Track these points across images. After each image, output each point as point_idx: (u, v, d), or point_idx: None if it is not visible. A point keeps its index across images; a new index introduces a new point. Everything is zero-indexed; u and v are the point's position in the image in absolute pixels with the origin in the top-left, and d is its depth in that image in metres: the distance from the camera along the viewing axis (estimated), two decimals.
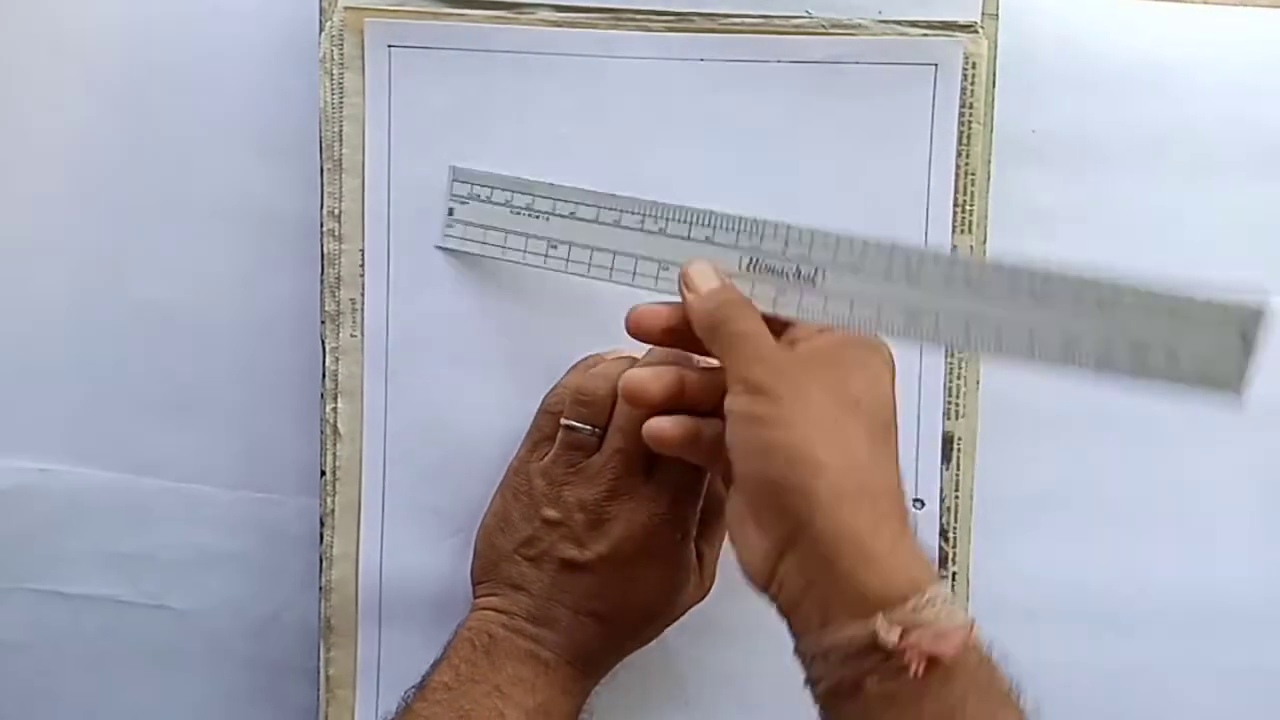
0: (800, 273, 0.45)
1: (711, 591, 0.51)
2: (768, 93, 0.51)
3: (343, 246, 0.51)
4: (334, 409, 0.51)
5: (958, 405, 0.52)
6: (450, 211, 0.51)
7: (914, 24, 0.51)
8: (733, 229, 0.47)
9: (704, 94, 0.51)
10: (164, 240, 0.54)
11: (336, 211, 0.51)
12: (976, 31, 0.51)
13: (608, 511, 0.47)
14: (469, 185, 0.51)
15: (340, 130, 0.51)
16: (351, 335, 0.51)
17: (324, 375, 0.51)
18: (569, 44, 0.50)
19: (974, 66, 0.51)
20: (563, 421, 0.48)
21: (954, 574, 0.53)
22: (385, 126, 0.51)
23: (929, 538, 0.52)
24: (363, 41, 0.50)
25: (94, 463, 0.55)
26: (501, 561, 0.49)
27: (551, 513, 0.48)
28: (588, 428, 0.48)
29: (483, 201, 0.51)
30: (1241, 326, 0.40)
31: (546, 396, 0.50)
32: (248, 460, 0.55)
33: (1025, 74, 0.54)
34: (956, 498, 0.52)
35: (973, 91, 0.51)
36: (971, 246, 0.52)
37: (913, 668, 0.37)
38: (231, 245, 0.54)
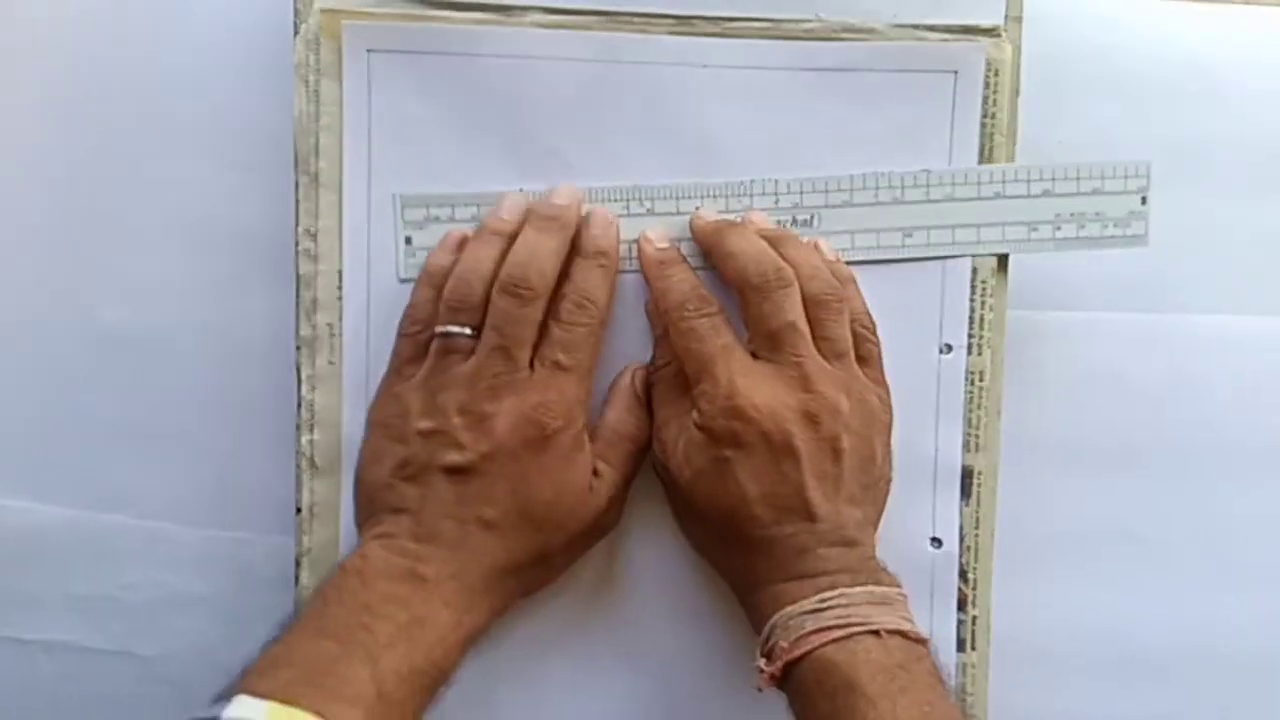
0: (796, 219, 0.50)
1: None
2: (774, 102, 0.50)
3: (319, 267, 0.50)
4: (310, 441, 0.50)
5: (977, 437, 0.51)
6: (408, 240, 0.50)
7: (932, 28, 0.50)
8: (721, 194, 0.50)
9: (706, 103, 0.50)
10: (126, 260, 0.53)
11: (312, 230, 0.50)
12: (999, 35, 0.50)
13: (489, 410, 0.46)
14: (423, 209, 0.50)
15: (316, 142, 0.49)
16: (329, 362, 0.50)
17: (299, 405, 0.50)
18: (563, 48, 0.49)
19: (997, 73, 0.50)
20: (439, 330, 0.47)
21: (974, 618, 0.51)
22: (365, 138, 0.49)
23: (947, 579, 0.51)
24: (340, 46, 0.49)
25: (52, 498, 0.54)
26: (378, 492, 0.47)
27: (426, 423, 0.47)
28: (465, 330, 0.47)
29: (444, 222, 0.50)
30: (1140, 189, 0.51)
31: (401, 326, 0.49)
32: (217, 496, 0.54)
33: (1053, 81, 0.53)
34: (976, 536, 0.51)
35: (995, 100, 0.50)
36: (993, 268, 0.50)
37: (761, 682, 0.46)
38: (199, 266, 0.53)
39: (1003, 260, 0.51)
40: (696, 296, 0.48)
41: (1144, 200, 0.50)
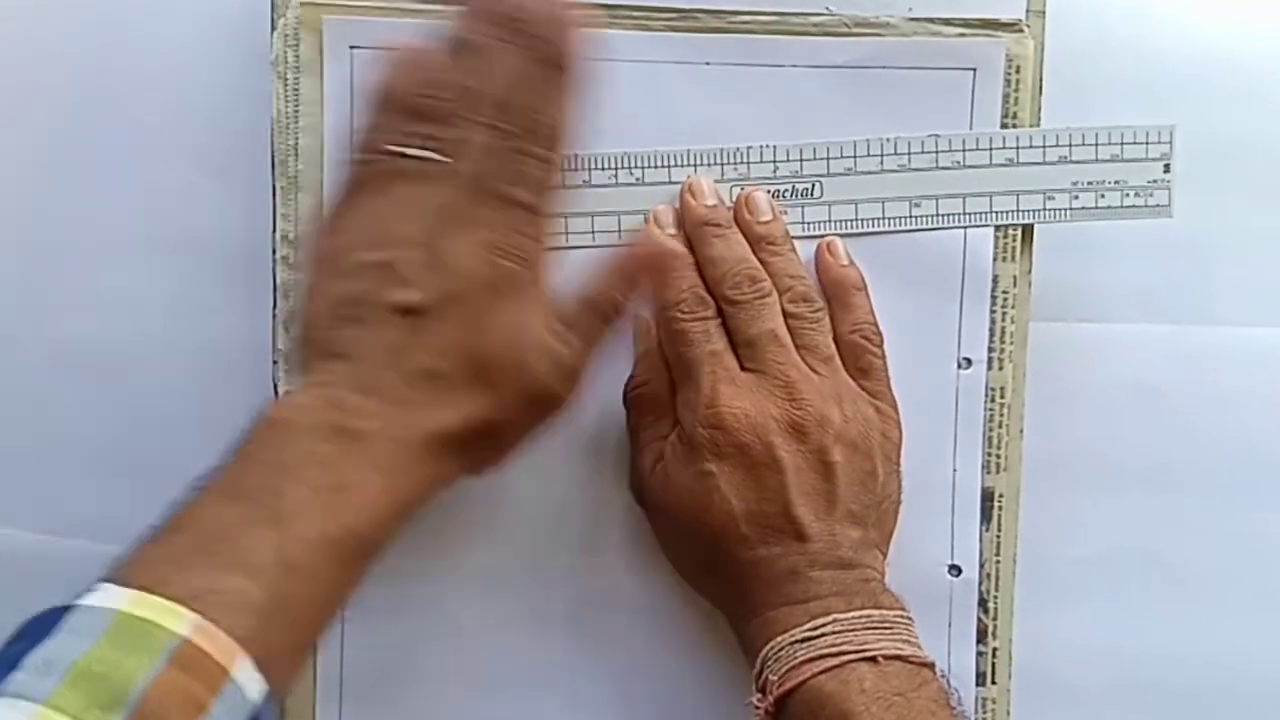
0: (797, 189, 0.49)
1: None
2: (782, 102, 0.49)
3: (299, 276, 0.47)
4: None
5: (998, 457, 0.50)
6: None
7: (949, 22, 0.49)
8: (716, 161, 0.49)
9: (710, 102, 0.49)
10: (91, 270, 0.52)
11: (291, 236, 0.49)
12: (1021, 30, 0.49)
13: (448, 244, 0.43)
14: None
15: (295, 144, 0.48)
16: None
17: None
18: None
19: (1018, 70, 0.49)
20: (396, 150, 0.43)
21: (994, 650, 0.50)
22: (347, 139, 0.47)
23: (966, 609, 0.50)
24: (321, 42, 0.48)
25: (12, 521, 0.53)
26: (315, 332, 0.43)
27: (375, 254, 0.43)
28: (428, 153, 0.43)
29: None
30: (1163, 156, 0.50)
31: (356, 150, 0.44)
32: None
33: (1077, 79, 0.52)
34: (998, 562, 0.50)
35: (1017, 99, 0.49)
36: (1016, 277, 0.50)
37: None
38: (170, 275, 0.52)
39: (1026, 237, 0.50)
40: (693, 297, 0.47)
41: (1167, 168, 0.49)
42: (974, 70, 0.49)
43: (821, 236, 0.49)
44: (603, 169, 0.49)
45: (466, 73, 0.43)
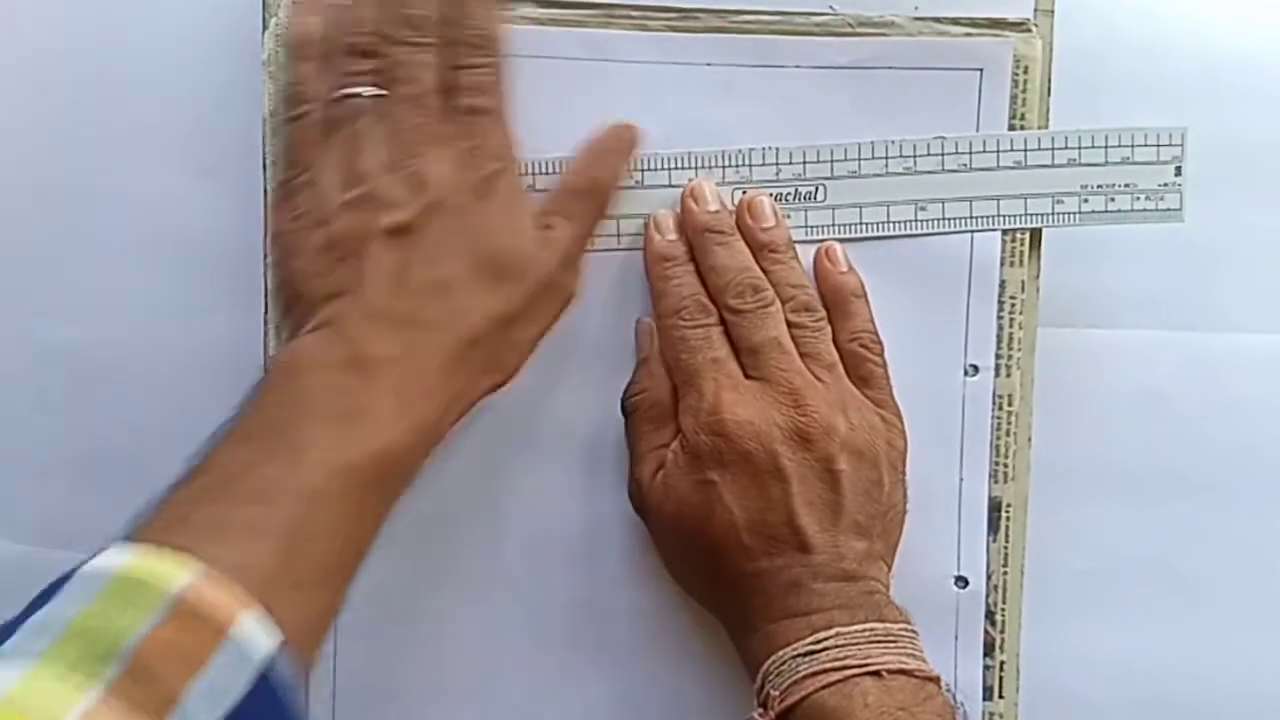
0: (800, 192, 0.49)
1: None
2: (785, 104, 0.49)
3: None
4: None
5: (1006, 466, 0.49)
6: None
7: (955, 21, 0.48)
8: (717, 164, 0.49)
9: (711, 105, 0.48)
10: (76, 274, 0.52)
11: None
12: (1029, 30, 0.48)
13: (416, 164, 0.43)
14: None
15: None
16: None
17: None
18: (554, 45, 0.48)
19: (1026, 71, 0.48)
20: (340, 94, 0.44)
21: (1002, 663, 0.49)
22: None
23: (972, 621, 0.49)
24: None
25: None
26: (306, 285, 0.43)
27: (351, 193, 0.43)
28: (369, 89, 0.44)
29: None
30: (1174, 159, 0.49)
31: (289, 108, 0.45)
32: None
33: (1088, 79, 0.51)
34: (1005, 574, 0.49)
35: (1024, 101, 0.49)
36: (1024, 282, 0.49)
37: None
38: (157, 280, 0.52)
39: (1034, 241, 0.49)
40: (695, 304, 0.46)
41: (1178, 170, 0.48)
42: (980, 71, 0.48)
43: (824, 240, 0.48)
44: None
45: (380, 2, 0.44)
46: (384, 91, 0.44)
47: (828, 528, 0.45)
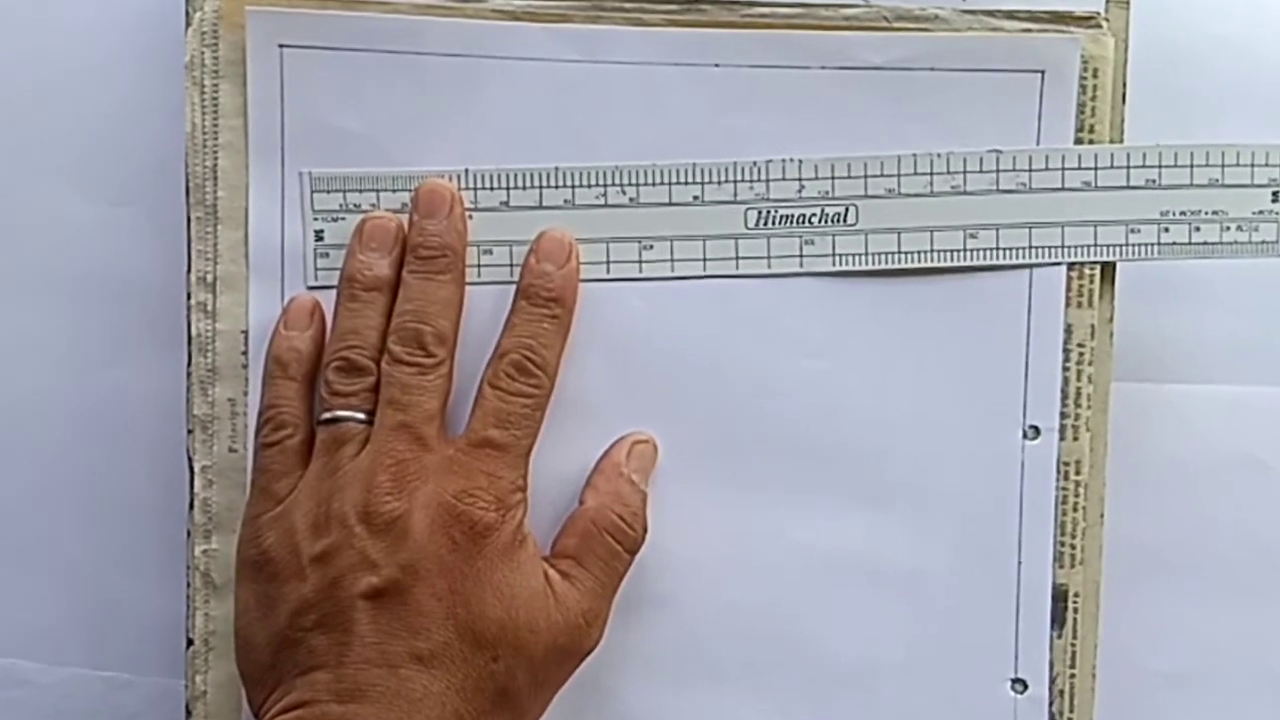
0: (827, 214, 0.46)
1: None
2: (808, 112, 0.46)
3: (218, 326, 0.46)
4: (206, 551, 0.46)
5: (1073, 548, 0.47)
6: (319, 236, 0.46)
7: (1012, 15, 0.46)
8: (728, 178, 0.46)
9: (719, 113, 0.46)
10: None
11: (209, 277, 0.46)
12: (1099, 25, 0.46)
13: (398, 507, 0.42)
14: (340, 194, 0.46)
15: (214, 165, 0.46)
16: (230, 450, 0.46)
17: (191, 505, 0.46)
18: (534, 44, 0.45)
19: (1095, 74, 0.46)
20: (323, 418, 0.43)
21: None
22: (277, 158, 0.45)
23: None
24: (244, 40, 0.45)
25: None
26: (278, 652, 0.42)
27: (322, 543, 0.42)
28: (358, 415, 0.43)
29: (366, 211, 0.46)
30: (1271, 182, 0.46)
31: (260, 433, 0.44)
32: (87, 623, 0.50)
33: (1170, 86, 0.49)
34: (1072, 677, 0.47)
35: (1094, 110, 0.46)
36: (1093, 327, 0.46)
37: None
38: (63, 325, 0.50)
39: (1106, 278, 0.46)
40: None
41: (1276, 196, 0.46)
42: (1042, 74, 0.46)
43: (855, 273, 0.45)
44: (588, 186, 0.46)
45: (384, 313, 0.44)
46: (359, 417, 0.43)
47: None
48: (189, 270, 0.46)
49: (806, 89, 0.46)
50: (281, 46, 0.45)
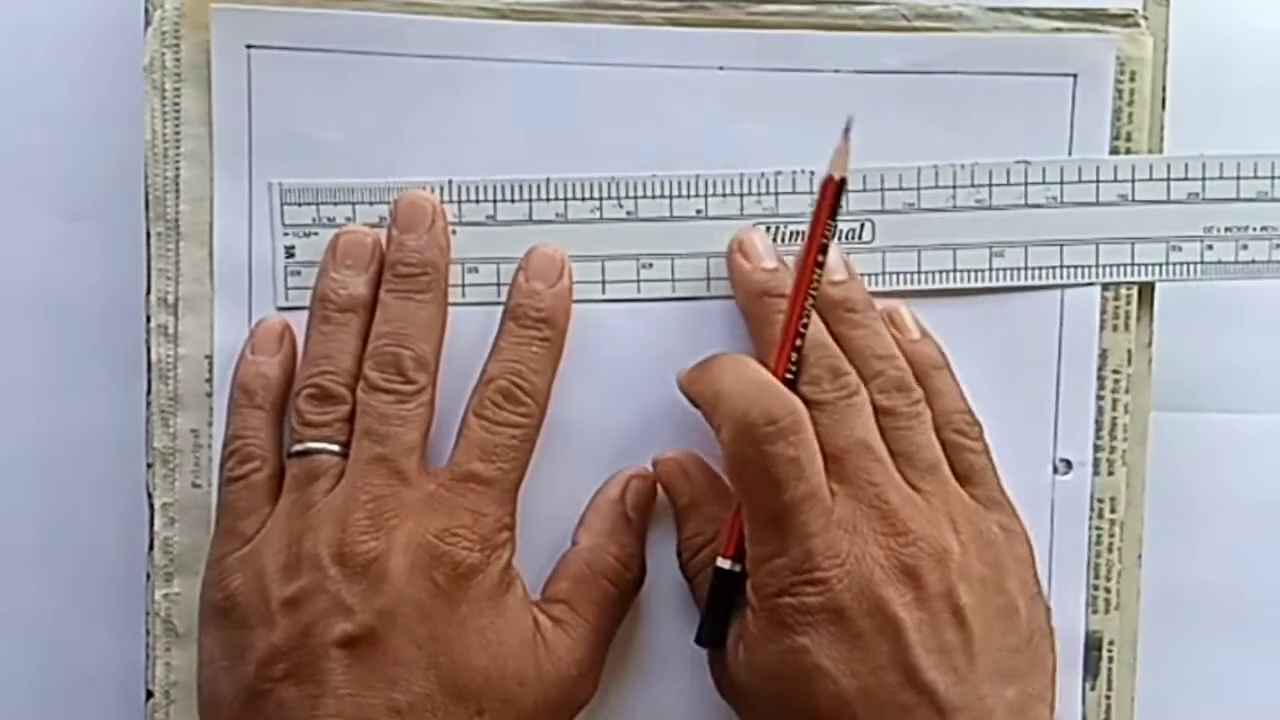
0: (840, 230, 0.44)
1: None
2: (820, 119, 0.43)
3: (180, 351, 0.45)
4: (167, 596, 0.45)
5: (1108, 593, 0.45)
6: (289, 252, 0.45)
7: (1041, 13, 0.44)
8: (734, 191, 0.45)
9: (724, 119, 0.45)
10: None
11: (171, 298, 0.45)
12: (1137, 24, 0.44)
13: (375, 547, 0.40)
14: (313, 207, 0.45)
15: (176, 176, 0.44)
16: (194, 485, 0.45)
17: (151, 545, 0.45)
18: (522, 45, 0.44)
19: (1133, 78, 0.44)
20: (294, 450, 0.42)
21: None
22: (244, 168, 0.44)
23: None
24: (209, 40, 0.44)
25: None
26: (245, 705, 0.41)
27: (293, 586, 0.40)
28: (332, 447, 0.41)
29: (340, 226, 0.44)
30: None
31: (225, 467, 0.43)
32: (35, 675, 0.49)
33: (1213, 88, 0.48)
34: None
35: (1131, 117, 0.45)
36: (1130, 353, 0.44)
37: None
38: (11, 352, 0.48)
39: (1144, 300, 0.44)
40: (793, 422, 0.40)
41: None
42: (1074, 77, 0.45)
43: (872, 294, 0.43)
44: (582, 199, 0.44)
45: (360, 335, 0.43)
46: (331, 449, 0.42)
47: (963, 678, 0.39)
48: (148, 291, 0.45)
49: (819, 95, 0.45)
50: (249, 47, 0.44)
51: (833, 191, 0.41)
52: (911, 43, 0.44)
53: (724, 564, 0.43)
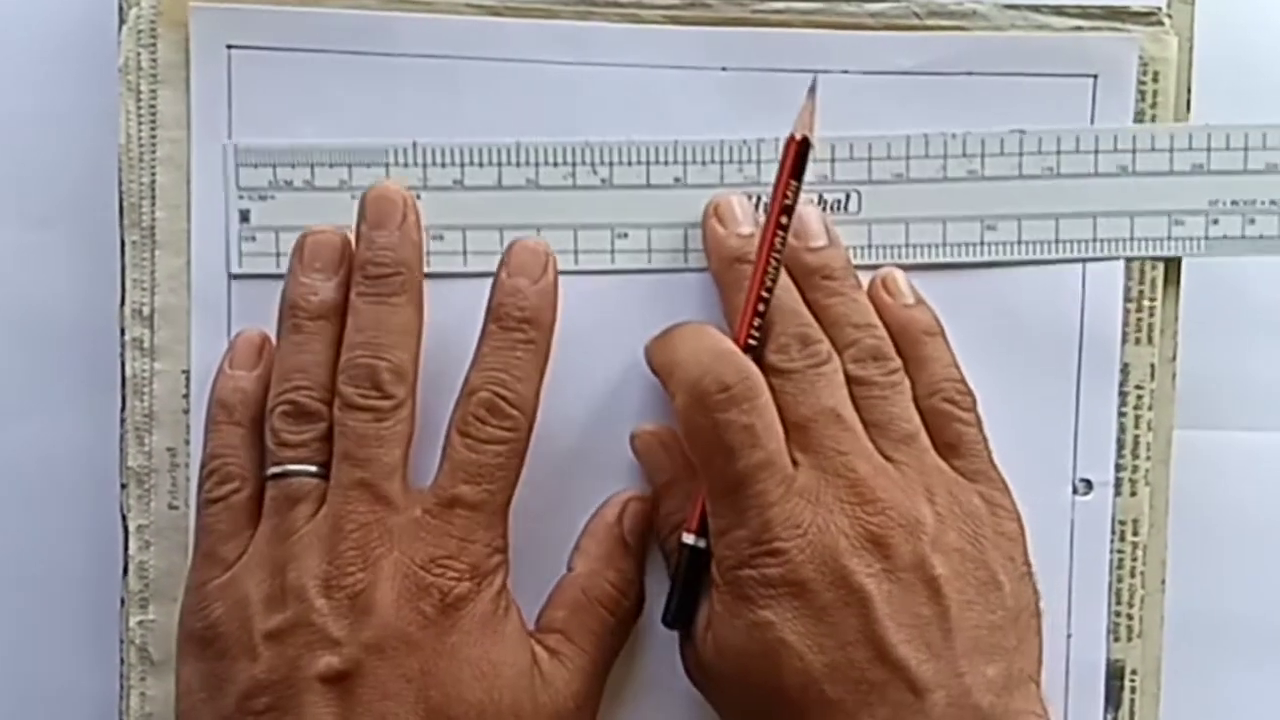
0: (825, 200, 0.43)
1: None
2: (829, 121, 0.43)
3: (156, 366, 0.44)
4: (142, 623, 0.44)
5: (1130, 619, 0.44)
6: (244, 216, 0.43)
7: (1060, 10, 0.43)
8: (714, 159, 0.43)
9: (727, 121, 0.44)
10: None
11: (146, 310, 0.44)
12: (1160, 22, 0.43)
13: (361, 578, 0.39)
14: (269, 169, 0.44)
15: (152, 181, 0.43)
16: (170, 506, 0.44)
17: (126, 570, 0.44)
18: (517, 44, 0.43)
19: (1156, 78, 0.43)
20: (272, 473, 0.41)
21: None
22: (222, 173, 0.43)
23: None
24: (187, 39, 0.43)
25: None
26: None
27: (277, 618, 0.39)
28: (310, 468, 0.40)
29: (299, 189, 0.44)
30: None
31: (202, 487, 0.42)
32: (6, 707, 0.48)
33: (1239, 90, 0.46)
34: None
35: (1154, 117, 0.44)
36: (1153, 365, 0.43)
37: None
38: None
39: (1169, 309, 0.43)
40: (745, 387, 0.39)
41: None
42: (1095, 78, 0.43)
43: (862, 266, 0.44)
44: (555, 164, 0.43)
45: (335, 344, 0.41)
46: (310, 470, 0.41)
47: (938, 653, 0.37)
48: (122, 302, 0.44)
49: (827, 97, 0.43)
50: (229, 47, 0.43)
51: (794, 151, 0.39)
52: (924, 42, 0.44)
53: (689, 539, 0.41)
